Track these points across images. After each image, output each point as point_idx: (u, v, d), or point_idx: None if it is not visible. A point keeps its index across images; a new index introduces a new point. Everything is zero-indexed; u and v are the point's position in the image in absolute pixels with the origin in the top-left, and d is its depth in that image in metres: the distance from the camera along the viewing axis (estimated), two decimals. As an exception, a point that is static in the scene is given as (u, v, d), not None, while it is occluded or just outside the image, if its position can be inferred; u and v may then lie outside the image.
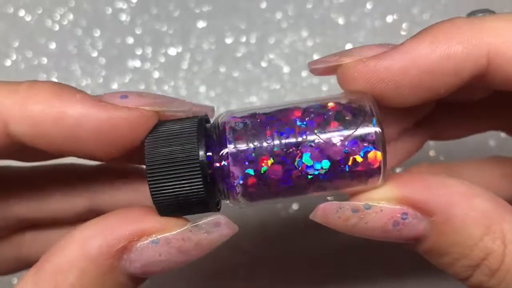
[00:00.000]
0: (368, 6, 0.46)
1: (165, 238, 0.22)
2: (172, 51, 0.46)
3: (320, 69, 0.25)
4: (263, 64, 0.45)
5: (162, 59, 0.46)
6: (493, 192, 0.29)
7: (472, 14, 0.24)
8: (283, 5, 0.46)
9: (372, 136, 0.22)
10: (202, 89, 0.45)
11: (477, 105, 0.29)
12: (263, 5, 0.46)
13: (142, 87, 0.45)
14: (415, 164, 0.33)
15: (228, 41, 0.46)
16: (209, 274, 0.42)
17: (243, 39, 0.46)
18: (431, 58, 0.22)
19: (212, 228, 0.22)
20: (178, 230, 0.22)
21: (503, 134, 0.43)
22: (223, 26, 0.46)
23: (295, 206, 0.43)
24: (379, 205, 0.22)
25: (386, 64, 0.22)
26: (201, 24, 0.46)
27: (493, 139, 0.43)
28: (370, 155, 0.22)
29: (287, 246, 0.43)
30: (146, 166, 0.22)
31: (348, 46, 0.45)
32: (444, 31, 0.22)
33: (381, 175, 0.22)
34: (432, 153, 0.43)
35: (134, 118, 0.22)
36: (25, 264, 0.30)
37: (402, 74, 0.22)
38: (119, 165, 0.30)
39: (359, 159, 0.22)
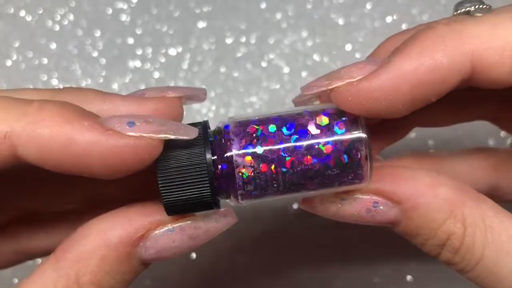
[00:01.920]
0: (368, 6, 0.46)
1: (180, 227, 0.24)
2: (172, 51, 0.46)
3: (312, 95, 0.26)
4: (263, 64, 0.46)
5: (163, 59, 0.46)
6: (478, 180, 0.32)
7: (460, 4, 0.26)
8: (283, 5, 0.46)
9: (359, 143, 0.24)
10: (202, 89, 0.45)
11: (461, 93, 0.30)
12: (263, 5, 0.46)
13: (142, 87, 0.45)
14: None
15: (228, 41, 0.46)
16: (209, 274, 0.43)
17: (243, 39, 0.46)
18: (419, 72, 0.23)
19: (221, 218, 0.25)
20: (191, 220, 0.24)
21: (502, 133, 0.43)
22: (223, 26, 0.46)
23: (295, 206, 0.43)
24: (353, 196, 0.25)
25: (378, 84, 0.23)
26: (201, 24, 0.46)
27: (492, 138, 0.43)
28: (358, 160, 0.24)
29: (288, 245, 0.43)
30: (158, 173, 0.23)
31: (348, 46, 0.45)
32: (428, 43, 0.23)
33: (368, 178, 0.24)
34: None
35: (141, 147, 0.23)
36: (25, 257, 0.31)
37: (394, 92, 0.23)
38: None
39: (347, 163, 0.24)
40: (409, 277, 0.42)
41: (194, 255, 0.42)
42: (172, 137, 0.23)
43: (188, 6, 0.46)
